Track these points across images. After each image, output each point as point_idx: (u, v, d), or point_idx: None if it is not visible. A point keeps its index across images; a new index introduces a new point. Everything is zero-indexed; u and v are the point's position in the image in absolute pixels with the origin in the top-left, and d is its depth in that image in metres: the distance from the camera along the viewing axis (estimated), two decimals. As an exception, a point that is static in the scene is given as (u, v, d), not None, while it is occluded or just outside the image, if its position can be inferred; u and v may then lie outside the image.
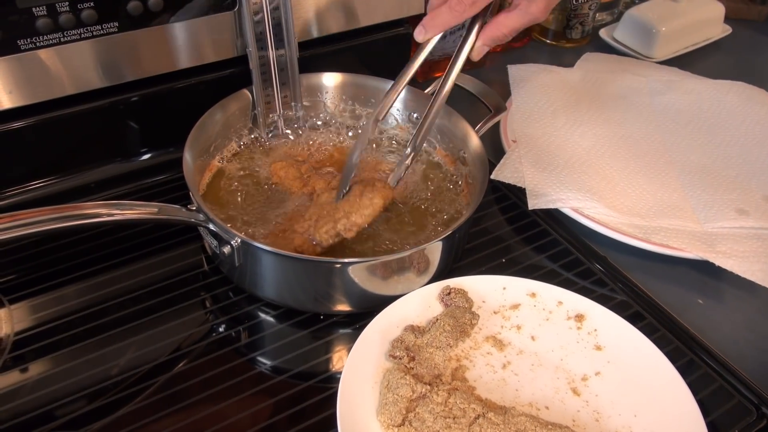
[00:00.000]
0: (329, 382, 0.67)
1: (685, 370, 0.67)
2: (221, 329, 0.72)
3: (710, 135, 1.02)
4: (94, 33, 0.74)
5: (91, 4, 0.72)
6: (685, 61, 1.24)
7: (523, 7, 0.72)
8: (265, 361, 0.69)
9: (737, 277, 0.78)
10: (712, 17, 1.32)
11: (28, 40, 0.71)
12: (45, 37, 0.72)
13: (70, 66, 0.76)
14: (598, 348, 0.69)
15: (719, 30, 1.33)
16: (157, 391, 0.65)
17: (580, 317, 0.71)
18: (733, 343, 0.74)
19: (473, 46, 0.75)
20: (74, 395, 0.64)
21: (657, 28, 1.23)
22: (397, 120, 0.90)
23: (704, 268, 0.81)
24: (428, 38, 0.75)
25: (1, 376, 0.66)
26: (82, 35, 0.73)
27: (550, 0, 0.72)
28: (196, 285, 0.76)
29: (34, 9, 0.69)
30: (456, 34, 1.08)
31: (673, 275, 0.82)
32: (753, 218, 0.85)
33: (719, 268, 0.79)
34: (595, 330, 0.71)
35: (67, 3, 0.70)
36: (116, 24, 0.75)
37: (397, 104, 0.89)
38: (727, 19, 1.34)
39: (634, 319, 0.73)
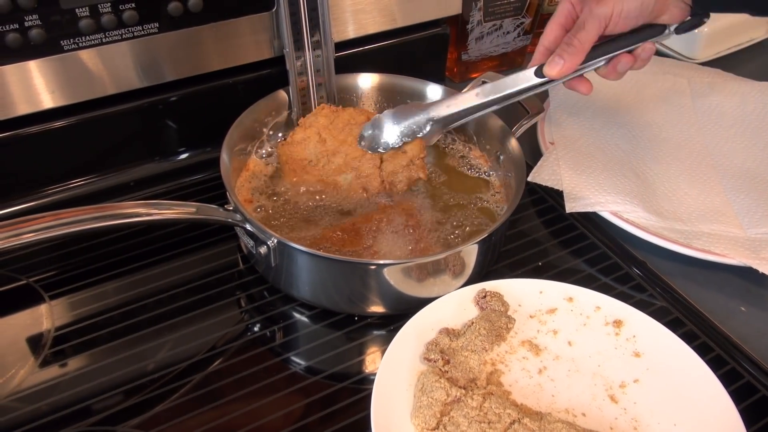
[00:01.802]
0: (363, 383, 0.67)
1: (727, 379, 0.65)
2: (256, 329, 0.72)
3: (754, 138, 1.00)
4: (135, 34, 0.75)
5: (133, 5, 0.73)
6: (728, 63, 1.21)
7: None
8: (300, 362, 0.69)
9: (782, 284, 0.76)
10: (757, 17, 1.29)
11: (71, 40, 0.72)
12: (87, 38, 0.73)
13: (111, 66, 0.77)
14: (637, 355, 0.68)
15: (764, 31, 1.30)
16: (192, 389, 0.66)
17: (618, 323, 0.70)
18: (778, 352, 0.72)
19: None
20: (112, 391, 0.65)
21: (699, 29, 1.20)
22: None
23: (747, 274, 0.79)
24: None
25: (42, 370, 0.67)
26: (124, 36, 0.75)
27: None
28: (232, 284, 0.77)
29: (77, 10, 0.70)
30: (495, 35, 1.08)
31: (714, 282, 0.80)
32: (799, 224, 0.83)
33: (763, 275, 0.77)
34: (634, 336, 0.69)
35: (109, 4, 0.71)
36: (157, 25, 0.76)
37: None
38: (773, 19, 1.31)
39: (674, 325, 0.71)
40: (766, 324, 0.76)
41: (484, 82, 0.80)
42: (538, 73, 0.74)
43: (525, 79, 0.76)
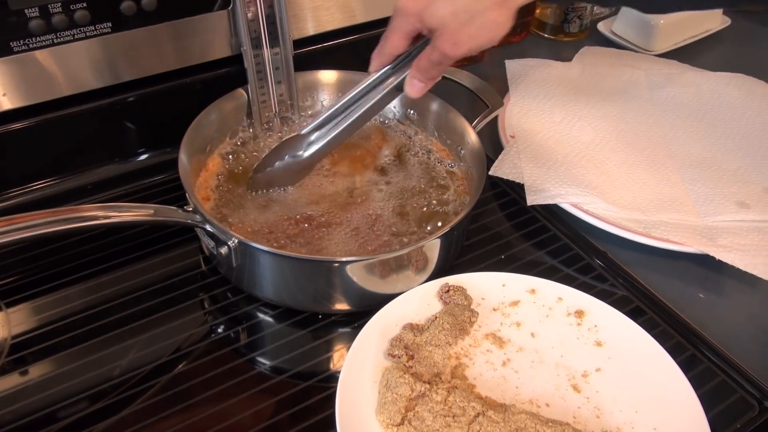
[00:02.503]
0: (329, 381, 0.67)
1: (686, 365, 0.66)
2: (220, 330, 0.72)
3: (710, 128, 1.02)
4: (88, 34, 0.74)
5: (84, 4, 0.71)
6: (685, 54, 1.23)
7: (433, 44, 0.67)
8: (265, 361, 0.69)
9: (738, 270, 0.77)
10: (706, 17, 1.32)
11: (22, 42, 0.71)
12: (38, 39, 0.72)
13: (65, 67, 0.75)
14: (599, 344, 0.69)
15: (718, 22, 1.32)
16: (158, 391, 0.65)
17: (580, 313, 0.71)
18: (735, 338, 0.74)
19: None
20: (76, 397, 0.64)
21: (655, 21, 1.22)
22: (395, 116, 0.90)
23: (705, 262, 0.80)
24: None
25: (1, 379, 0.66)
26: (76, 36, 0.73)
27: (454, 32, 0.66)
28: (195, 285, 0.76)
29: (26, 10, 0.69)
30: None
31: (674, 270, 0.82)
32: (754, 211, 0.85)
33: (720, 262, 0.78)
34: (596, 326, 0.70)
35: (59, 4, 0.70)
36: (110, 24, 0.74)
37: (395, 101, 0.89)
38: (726, 11, 1.33)
39: (634, 314, 0.72)
40: (724, 310, 0.78)
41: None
42: (398, 87, 0.74)
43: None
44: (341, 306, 0.72)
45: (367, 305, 0.70)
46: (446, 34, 0.65)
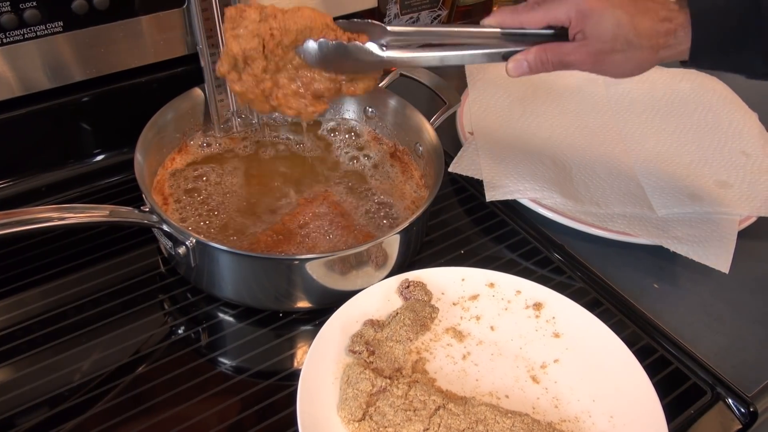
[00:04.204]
0: (290, 379, 0.67)
1: (642, 354, 0.68)
2: (180, 330, 0.71)
3: (664, 123, 1.04)
4: (38, 33, 0.73)
5: (34, 3, 0.70)
6: (639, 51, 1.25)
7: (575, 46, 0.65)
8: (226, 361, 0.69)
9: (691, 261, 0.80)
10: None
11: (-31, 41, 0.69)
12: (-13, 38, 0.70)
13: (16, 67, 0.74)
14: (557, 335, 0.70)
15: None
16: (119, 394, 0.65)
17: (538, 305, 0.72)
18: (688, 326, 0.76)
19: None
20: (35, 401, 0.63)
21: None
22: (353, 113, 0.90)
23: (659, 253, 0.82)
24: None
25: (-45, 385, 0.64)
26: (26, 35, 0.72)
27: (603, 51, 0.65)
28: (154, 287, 0.75)
29: (-26, 10, 0.68)
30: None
31: (629, 261, 0.83)
32: (706, 203, 0.87)
33: (674, 253, 0.80)
34: (553, 318, 0.71)
35: (8, 3, 0.69)
36: (61, 23, 0.73)
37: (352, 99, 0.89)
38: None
39: (591, 305, 0.74)
40: (678, 299, 0.79)
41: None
42: (505, 56, 0.68)
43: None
44: (302, 304, 0.72)
45: (328, 302, 0.70)
46: (595, 48, 0.64)
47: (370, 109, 0.89)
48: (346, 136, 0.90)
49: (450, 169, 0.89)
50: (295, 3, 0.87)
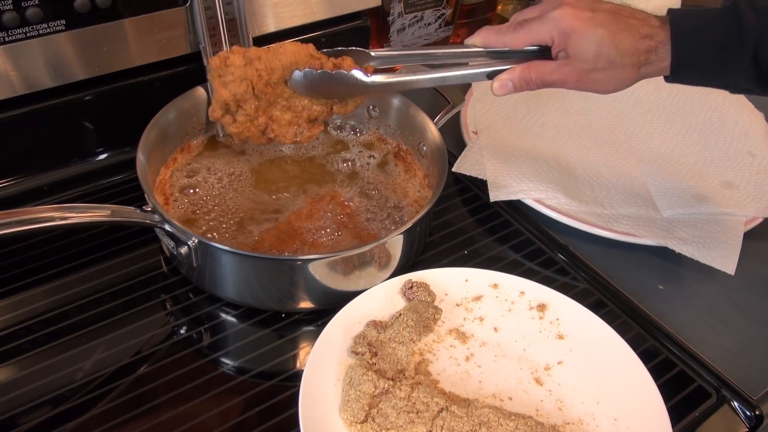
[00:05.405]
0: (293, 380, 0.67)
1: (646, 356, 0.67)
2: (182, 331, 0.71)
3: (669, 123, 1.03)
4: (41, 32, 0.72)
5: (36, 2, 0.70)
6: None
7: (558, 65, 0.67)
8: (228, 361, 0.68)
9: (696, 262, 0.79)
10: (670, 4, 1.33)
11: (-29, 40, 0.69)
12: (-11, 37, 0.70)
13: (19, 66, 0.74)
14: (561, 337, 0.70)
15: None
16: (121, 394, 0.64)
17: (542, 307, 0.72)
18: (693, 328, 0.75)
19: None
20: (36, 401, 0.63)
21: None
22: (357, 113, 0.90)
23: (664, 254, 0.81)
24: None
25: (-44, 386, 0.64)
26: (28, 34, 0.72)
27: (585, 70, 0.66)
28: (156, 286, 0.75)
29: (-25, 8, 0.67)
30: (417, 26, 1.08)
31: (633, 262, 0.83)
32: (711, 204, 0.86)
33: (679, 254, 0.80)
34: (558, 319, 0.71)
35: (10, 1, 0.68)
36: (63, 22, 0.73)
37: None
38: (685, 6, 1.35)
39: (596, 306, 0.73)
40: (682, 301, 0.79)
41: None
42: (490, 75, 0.71)
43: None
44: (304, 304, 0.72)
45: (331, 303, 0.70)
46: (578, 68, 0.65)
47: (373, 109, 0.89)
48: (350, 135, 0.90)
49: (454, 169, 0.88)
50: (295, 3, 0.88)
